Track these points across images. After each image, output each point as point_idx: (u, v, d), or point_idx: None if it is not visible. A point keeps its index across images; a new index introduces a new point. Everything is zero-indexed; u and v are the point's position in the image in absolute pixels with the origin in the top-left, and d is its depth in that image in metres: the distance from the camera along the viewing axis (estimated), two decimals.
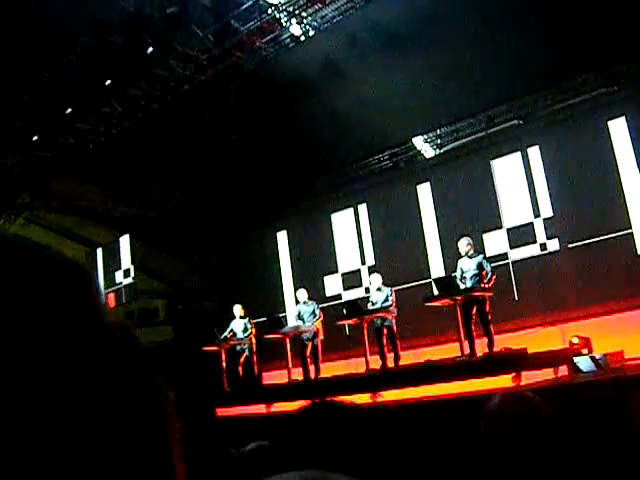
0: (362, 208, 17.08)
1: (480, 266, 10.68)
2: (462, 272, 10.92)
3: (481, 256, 10.93)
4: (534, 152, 14.39)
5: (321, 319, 12.80)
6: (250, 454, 2.63)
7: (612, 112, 13.45)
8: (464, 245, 10.98)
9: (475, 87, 13.95)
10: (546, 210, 14.10)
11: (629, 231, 12.99)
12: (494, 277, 10.60)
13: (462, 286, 10.74)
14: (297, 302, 13.54)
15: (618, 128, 13.30)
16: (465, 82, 13.75)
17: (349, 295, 16.16)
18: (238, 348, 13.57)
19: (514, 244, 14.40)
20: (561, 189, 13.92)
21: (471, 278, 10.70)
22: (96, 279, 0.64)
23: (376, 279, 12.15)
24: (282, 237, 18.62)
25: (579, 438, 5.50)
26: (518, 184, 14.46)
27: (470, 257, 10.87)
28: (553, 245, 13.95)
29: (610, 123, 13.44)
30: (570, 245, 13.69)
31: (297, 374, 12.85)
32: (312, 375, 12.66)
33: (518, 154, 14.64)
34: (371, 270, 14.23)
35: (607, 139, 13.37)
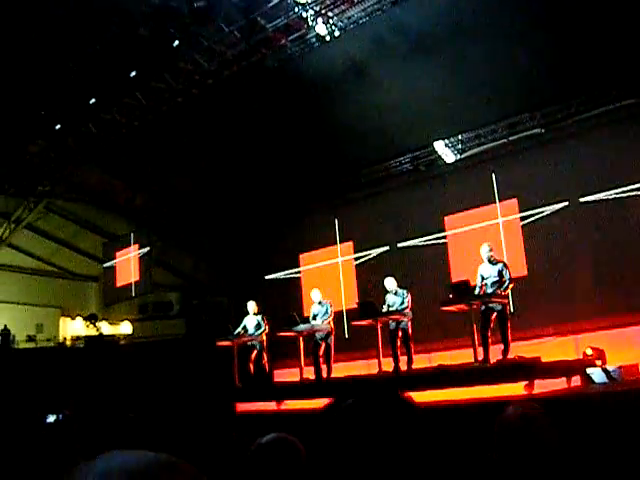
0: (380, 209, 17.05)
1: (500, 273, 10.61)
2: (482, 278, 10.84)
3: (502, 263, 10.86)
4: (556, 159, 14.32)
5: (330, 319, 12.79)
6: (267, 445, 2.63)
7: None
8: (486, 251, 10.91)
9: (499, 94, 13.92)
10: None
11: None
12: (511, 285, 10.54)
13: (481, 292, 10.68)
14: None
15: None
16: (489, 89, 13.72)
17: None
18: (250, 344, 13.57)
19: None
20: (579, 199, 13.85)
21: (492, 285, 10.64)
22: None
23: (391, 282, 12.11)
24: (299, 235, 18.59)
25: (589, 448, 5.47)
26: (536, 192, 14.39)
27: (491, 263, 10.81)
28: (572, 255, 13.89)
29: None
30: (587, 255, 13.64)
31: (309, 373, 12.85)
32: (324, 375, 12.66)
33: (539, 160, 14.59)
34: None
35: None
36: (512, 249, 14.55)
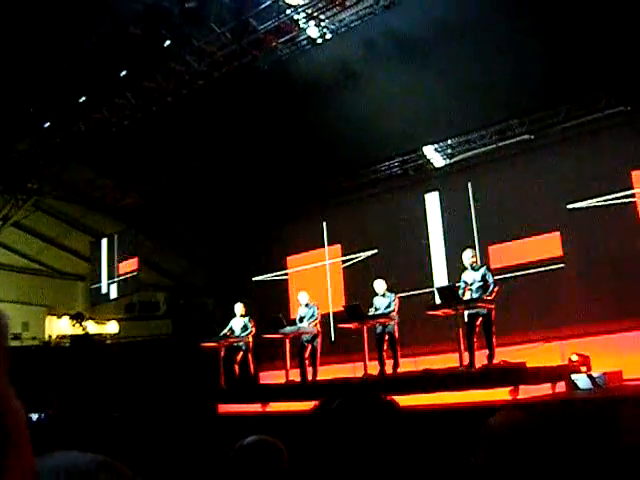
0: (369, 214, 17.09)
1: (484, 278, 10.63)
2: (465, 284, 10.85)
3: (485, 267, 10.88)
4: (544, 166, 14.38)
5: (317, 322, 12.80)
6: (249, 447, 2.63)
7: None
8: (468, 257, 10.92)
9: (488, 100, 13.96)
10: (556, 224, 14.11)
11: None
12: (496, 289, 10.55)
13: (467, 297, 10.70)
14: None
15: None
16: (479, 94, 13.76)
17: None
18: (236, 346, 13.57)
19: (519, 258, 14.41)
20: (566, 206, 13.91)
21: (477, 290, 10.65)
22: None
23: (380, 285, 12.11)
24: (287, 238, 18.61)
25: (572, 454, 5.50)
26: (526, 198, 14.44)
27: (474, 269, 10.83)
28: (559, 261, 13.95)
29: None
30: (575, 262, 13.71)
31: (294, 375, 12.85)
32: (309, 377, 12.66)
33: (527, 167, 14.65)
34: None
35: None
36: (493, 252, 14.63)
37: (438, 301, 11.12)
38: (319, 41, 14.10)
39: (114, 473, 0.84)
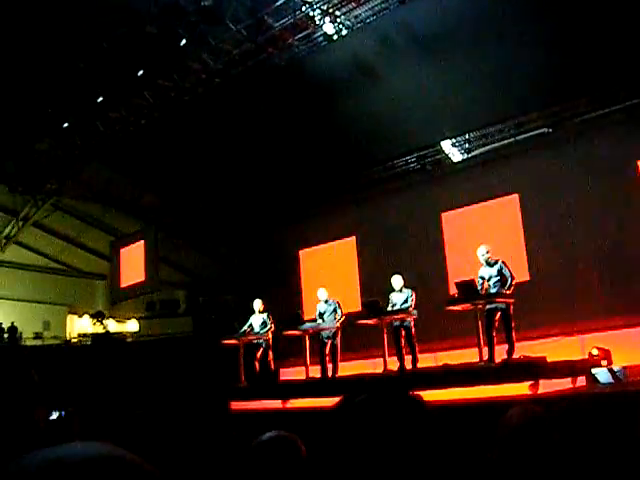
0: (386, 209, 17.06)
1: (500, 272, 10.59)
2: (482, 280, 10.81)
3: (500, 262, 10.82)
4: (564, 158, 14.30)
5: (343, 319, 12.75)
6: (267, 442, 2.64)
7: None
8: (482, 253, 10.87)
9: (506, 93, 13.91)
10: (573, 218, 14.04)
11: None
12: (514, 282, 10.50)
13: (482, 292, 10.66)
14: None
15: None
16: (496, 88, 13.71)
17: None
18: (255, 342, 13.59)
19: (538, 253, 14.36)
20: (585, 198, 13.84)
21: (494, 285, 10.61)
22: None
23: (397, 280, 12.07)
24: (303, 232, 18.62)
25: (593, 448, 5.48)
26: (544, 191, 14.37)
27: (490, 264, 10.78)
28: (578, 255, 13.89)
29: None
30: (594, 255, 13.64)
31: (315, 372, 12.85)
32: (330, 373, 12.66)
33: (546, 161, 14.58)
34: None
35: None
36: (512, 247, 14.58)
37: (456, 296, 11.06)
38: (335, 37, 14.11)
39: (121, 466, 0.84)
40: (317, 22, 13.81)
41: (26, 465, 0.82)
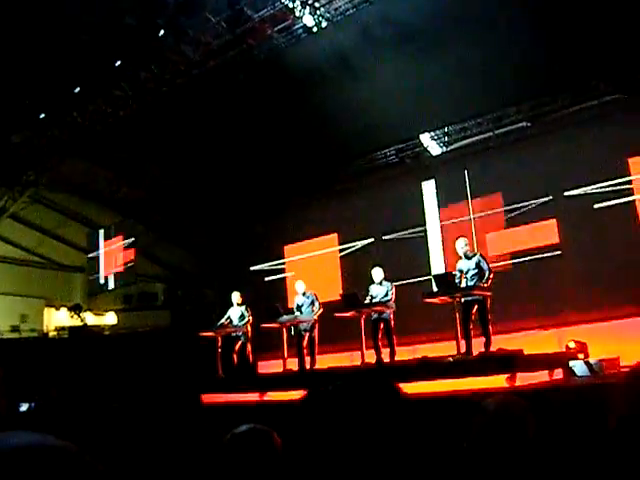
0: (366, 202, 17.08)
1: (478, 265, 10.64)
2: (461, 272, 10.85)
3: (478, 255, 10.88)
4: (541, 154, 14.36)
5: (320, 312, 12.78)
6: (241, 435, 2.62)
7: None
8: (461, 246, 10.91)
9: (485, 87, 13.94)
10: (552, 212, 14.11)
11: None
12: (492, 276, 10.55)
13: (463, 285, 10.71)
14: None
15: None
16: (475, 82, 13.74)
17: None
18: (234, 335, 13.58)
19: (516, 245, 14.43)
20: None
21: (472, 278, 10.66)
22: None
23: (378, 273, 12.09)
24: (284, 227, 18.61)
25: (570, 440, 5.50)
26: (522, 185, 14.43)
27: (468, 257, 10.83)
28: (556, 248, 13.96)
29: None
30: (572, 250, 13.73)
31: (292, 364, 12.86)
32: (307, 366, 12.67)
33: (524, 155, 14.64)
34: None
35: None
36: (491, 243, 14.65)
37: (435, 289, 11.10)
38: (315, 29, 14.07)
39: (65, 456, 0.82)
40: (297, 14, 13.75)
41: None
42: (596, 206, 13.43)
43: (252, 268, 18.95)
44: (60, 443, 0.84)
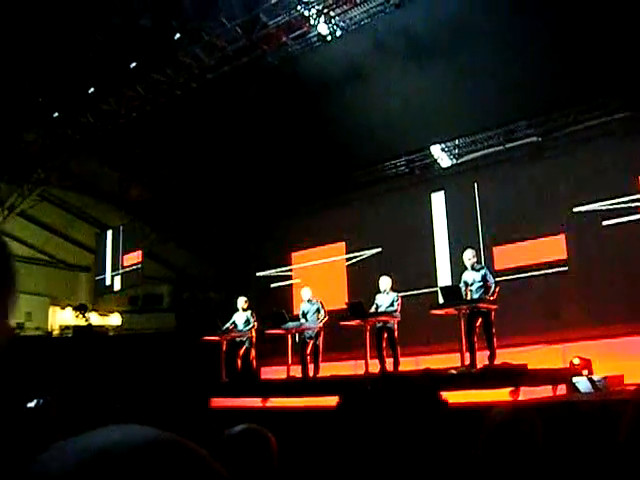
0: (374, 212, 17.07)
1: (484, 278, 10.62)
2: (466, 285, 10.83)
3: (485, 268, 10.88)
4: (551, 169, 14.35)
5: (326, 319, 12.76)
6: (236, 435, 2.64)
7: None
8: (468, 257, 10.90)
9: (497, 101, 13.93)
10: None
11: None
12: (497, 289, 10.54)
13: (468, 298, 10.69)
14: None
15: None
16: (487, 95, 13.72)
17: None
18: (238, 340, 13.58)
19: (524, 259, 14.40)
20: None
21: (477, 290, 10.64)
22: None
23: (385, 282, 12.07)
24: (292, 234, 18.59)
25: (572, 456, 5.50)
26: (531, 200, 14.42)
27: (475, 269, 10.81)
28: (563, 264, 13.94)
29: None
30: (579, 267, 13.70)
31: (296, 371, 12.84)
32: (311, 373, 12.65)
33: (534, 169, 14.63)
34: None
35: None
36: (499, 256, 14.63)
37: (441, 300, 11.09)
38: (329, 38, 14.11)
39: (180, 451, 0.72)
40: (312, 22, 13.80)
41: (60, 464, 0.67)
42: (605, 223, 13.41)
43: (258, 274, 18.94)
44: (176, 437, 0.74)
